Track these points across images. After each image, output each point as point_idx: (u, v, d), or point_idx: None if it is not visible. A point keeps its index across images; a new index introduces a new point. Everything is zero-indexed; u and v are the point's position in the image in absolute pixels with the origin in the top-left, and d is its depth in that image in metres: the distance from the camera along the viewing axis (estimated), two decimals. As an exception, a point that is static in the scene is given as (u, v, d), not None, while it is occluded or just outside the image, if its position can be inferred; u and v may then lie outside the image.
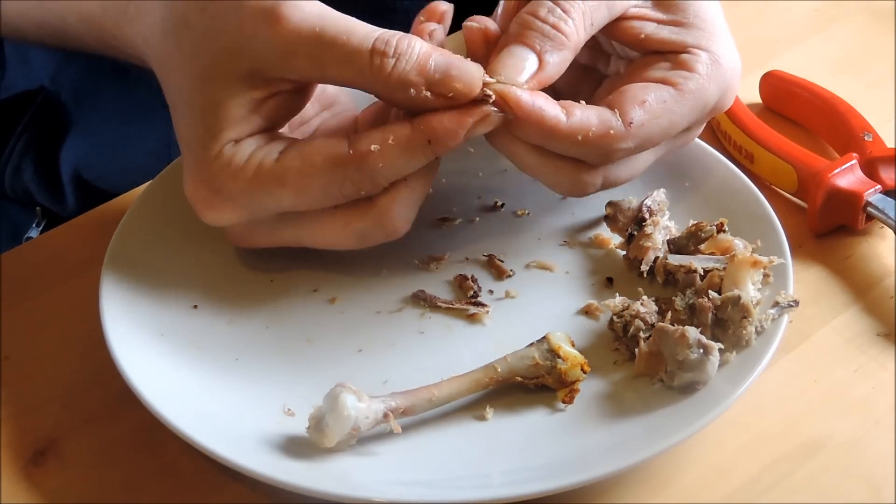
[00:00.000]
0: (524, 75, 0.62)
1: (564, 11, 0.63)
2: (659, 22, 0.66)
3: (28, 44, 0.82)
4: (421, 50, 0.60)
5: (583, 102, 0.63)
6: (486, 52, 0.64)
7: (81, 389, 0.65)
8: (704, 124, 0.69)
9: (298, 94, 0.63)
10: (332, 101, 0.72)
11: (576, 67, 0.69)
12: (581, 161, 0.64)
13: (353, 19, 0.60)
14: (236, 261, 0.71)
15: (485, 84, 0.61)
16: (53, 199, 0.94)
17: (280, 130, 0.64)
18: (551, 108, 0.61)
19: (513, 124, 0.62)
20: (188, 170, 0.63)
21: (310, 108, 0.69)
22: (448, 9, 0.65)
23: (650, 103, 0.63)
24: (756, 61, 0.86)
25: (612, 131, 0.62)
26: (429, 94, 0.60)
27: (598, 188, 0.66)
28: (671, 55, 0.65)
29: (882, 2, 0.93)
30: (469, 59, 0.62)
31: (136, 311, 0.66)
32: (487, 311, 0.67)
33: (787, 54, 0.88)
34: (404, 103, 0.61)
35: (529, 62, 0.62)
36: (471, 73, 0.60)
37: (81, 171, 0.93)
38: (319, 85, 0.68)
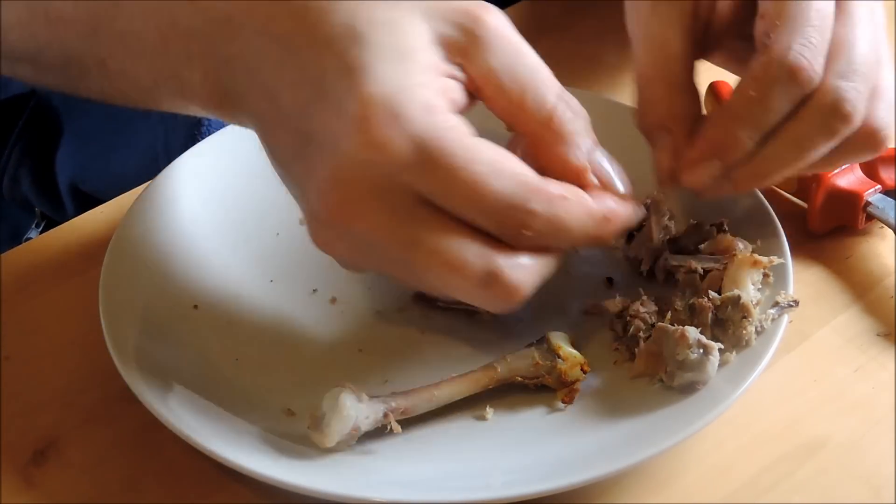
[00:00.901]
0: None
1: None
2: None
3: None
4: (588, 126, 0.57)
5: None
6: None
7: (81, 389, 0.65)
8: None
9: (468, 97, 0.56)
10: None
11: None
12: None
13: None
14: (236, 261, 0.71)
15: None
16: (52, 208, 0.94)
17: None
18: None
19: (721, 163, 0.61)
20: (363, 92, 0.52)
21: None
22: None
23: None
24: (756, 61, 0.86)
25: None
26: (592, 177, 0.57)
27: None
28: None
29: (882, 2, 0.92)
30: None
31: (136, 311, 0.66)
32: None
33: (787, 54, 0.88)
34: (559, 161, 0.56)
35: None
36: (625, 186, 0.58)
37: (78, 184, 0.92)
38: None
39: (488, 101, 0.56)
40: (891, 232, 0.71)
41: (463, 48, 0.54)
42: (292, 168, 0.56)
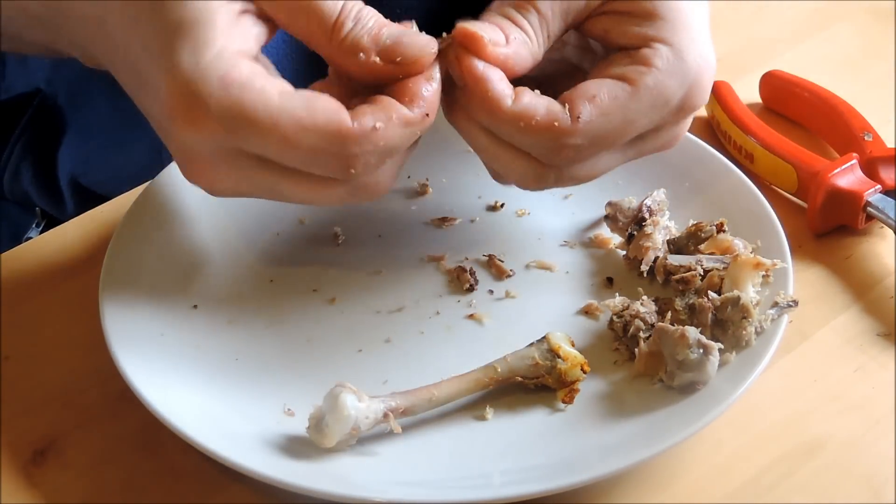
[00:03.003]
0: (489, 36, 0.60)
1: (524, 17, 0.61)
2: (624, 13, 0.62)
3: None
4: (377, 19, 0.59)
5: (537, 92, 0.60)
6: None
7: (81, 389, 0.65)
8: (680, 124, 0.64)
9: (267, 22, 0.60)
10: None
11: (566, 67, 0.68)
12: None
13: None
14: (236, 261, 0.71)
15: (445, 47, 0.60)
16: (52, 204, 0.94)
17: None
18: (499, 84, 0.59)
19: (464, 95, 0.60)
20: (169, 79, 0.56)
21: None
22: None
23: (600, 99, 0.60)
24: (756, 61, 0.86)
25: (556, 123, 0.59)
26: (378, 59, 0.58)
27: (552, 184, 0.63)
28: (632, 51, 0.62)
29: (882, 2, 0.93)
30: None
31: (136, 311, 0.66)
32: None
33: (787, 54, 0.88)
34: (354, 69, 0.59)
35: (497, 34, 0.60)
36: (420, 41, 0.59)
37: (79, 178, 0.93)
38: None
39: (283, 27, 0.59)
40: (891, 232, 0.71)
41: None
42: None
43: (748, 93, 0.83)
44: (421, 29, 0.61)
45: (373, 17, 0.59)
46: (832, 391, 0.64)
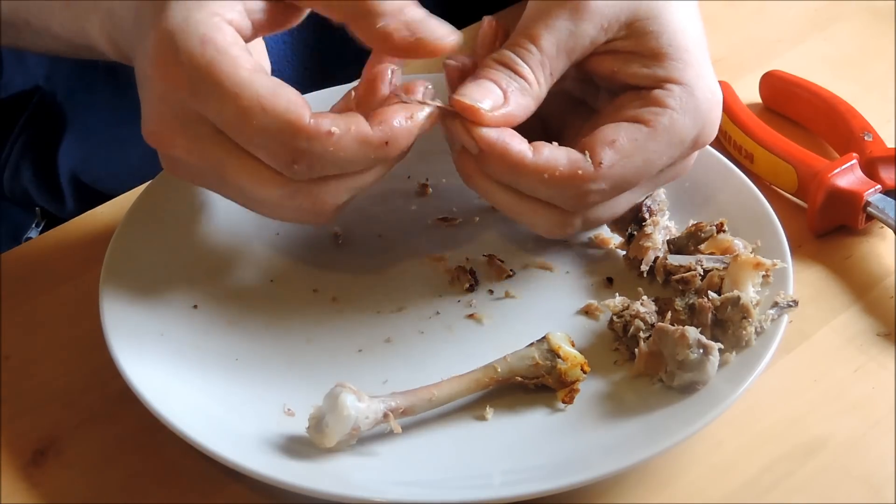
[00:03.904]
0: (488, 104, 0.61)
1: (524, 61, 0.62)
2: (631, 53, 0.63)
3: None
4: None
5: (555, 144, 0.62)
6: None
7: (81, 389, 0.65)
8: (691, 157, 0.67)
9: (271, 12, 0.61)
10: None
11: (567, 100, 0.69)
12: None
13: None
14: (236, 261, 0.71)
15: (447, 116, 0.61)
16: (52, 201, 0.94)
17: None
18: (517, 143, 0.61)
19: (481, 159, 0.61)
20: (154, 30, 0.58)
21: None
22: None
23: (621, 143, 0.61)
24: (756, 61, 0.86)
25: (580, 171, 0.61)
26: (399, 27, 0.59)
27: (580, 229, 0.65)
28: (644, 91, 0.63)
29: (882, 2, 0.93)
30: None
31: (136, 311, 0.66)
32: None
33: (787, 54, 0.88)
34: (375, 36, 0.59)
35: (495, 94, 0.62)
36: (443, 29, 0.59)
37: (79, 174, 0.93)
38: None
39: (304, 2, 0.61)
40: (891, 232, 0.71)
41: None
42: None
43: (748, 93, 0.83)
44: None
45: None
46: (832, 391, 0.64)
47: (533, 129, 0.63)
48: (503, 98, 0.62)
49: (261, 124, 0.57)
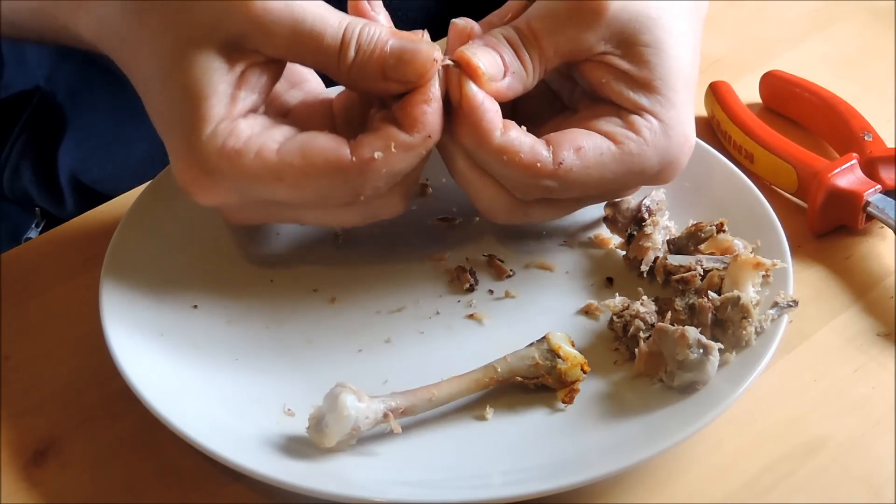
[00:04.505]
0: (489, 71, 0.61)
1: (527, 50, 0.63)
2: (623, 73, 0.63)
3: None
4: (379, 37, 0.60)
5: (524, 128, 0.62)
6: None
7: (81, 389, 0.65)
8: (640, 188, 0.68)
9: (274, 65, 0.62)
10: (301, 79, 0.70)
11: (544, 90, 0.69)
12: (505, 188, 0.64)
13: (325, 5, 0.60)
14: (236, 261, 0.71)
15: (445, 67, 0.61)
16: (52, 202, 0.94)
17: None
18: (492, 117, 0.61)
19: (454, 118, 0.62)
20: (177, 151, 0.61)
21: (279, 86, 0.67)
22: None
23: (585, 151, 0.62)
24: (756, 61, 0.86)
25: (539, 164, 0.61)
26: (385, 82, 0.60)
27: (519, 219, 0.65)
28: (624, 111, 0.63)
29: (882, 2, 0.93)
30: (447, 52, 0.63)
31: (136, 311, 0.66)
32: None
33: (787, 54, 0.88)
34: (365, 91, 0.62)
35: (496, 66, 0.62)
36: (423, 56, 0.60)
37: (79, 175, 0.93)
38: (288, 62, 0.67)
39: (295, 62, 0.63)
40: (891, 232, 0.71)
41: (245, 42, 0.60)
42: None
43: (748, 93, 0.83)
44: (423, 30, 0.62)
45: (375, 35, 0.60)
46: (832, 391, 0.64)
47: (503, 107, 0.63)
48: (503, 73, 0.62)
49: (312, 187, 0.60)
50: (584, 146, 0.62)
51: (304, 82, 0.70)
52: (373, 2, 0.64)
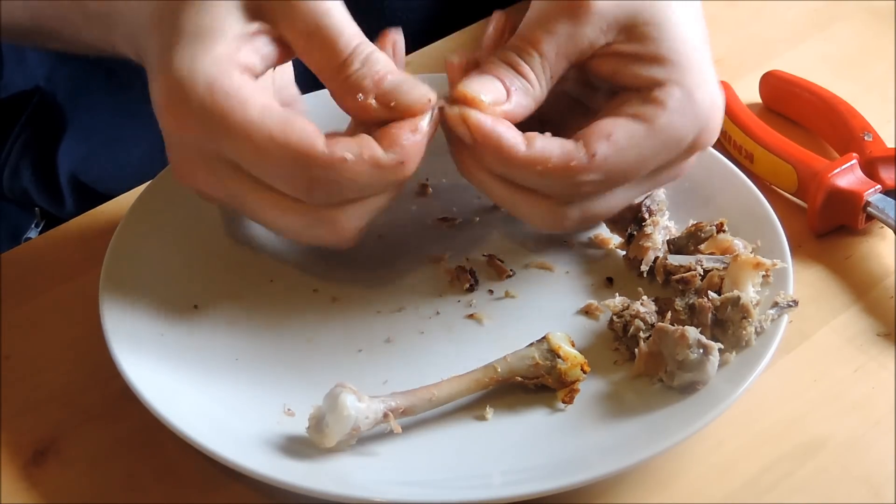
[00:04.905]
0: (489, 97, 0.61)
1: (526, 62, 0.63)
2: (632, 56, 0.63)
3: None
4: (385, 65, 0.60)
5: (548, 134, 0.62)
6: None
7: (81, 389, 0.65)
8: (689, 160, 0.66)
9: (282, 47, 0.62)
10: (291, 101, 0.70)
11: (566, 101, 0.69)
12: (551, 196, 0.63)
13: (348, 15, 0.61)
14: (236, 261, 0.71)
15: (441, 109, 0.61)
16: (52, 201, 0.94)
17: None
18: (511, 135, 0.61)
19: (476, 150, 0.61)
20: (167, 66, 0.59)
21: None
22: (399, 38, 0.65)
23: (616, 137, 0.61)
24: (756, 61, 0.86)
25: (574, 163, 0.60)
26: (374, 102, 0.60)
27: (577, 223, 0.65)
28: (644, 90, 0.63)
29: (882, 2, 0.93)
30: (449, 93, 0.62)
31: (136, 311, 0.66)
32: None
33: (787, 54, 0.88)
34: (351, 107, 0.61)
35: (497, 90, 0.62)
36: (418, 92, 0.60)
37: (79, 174, 0.93)
38: (279, 84, 0.68)
39: (298, 55, 0.62)
40: (891, 232, 0.71)
41: (268, 10, 0.60)
42: None
43: (748, 93, 0.83)
44: (421, 31, 0.62)
45: (381, 62, 0.60)
46: (832, 391, 0.64)
47: (531, 129, 0.63)
48: (506, 95, 0.62)
49: (275, 159, 0.58)
50: (613, 132, 0.61)
51: (293, 104, 0.70)
52: (397, 53, 0.64)
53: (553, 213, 0.63)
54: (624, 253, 0.70)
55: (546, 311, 0.68)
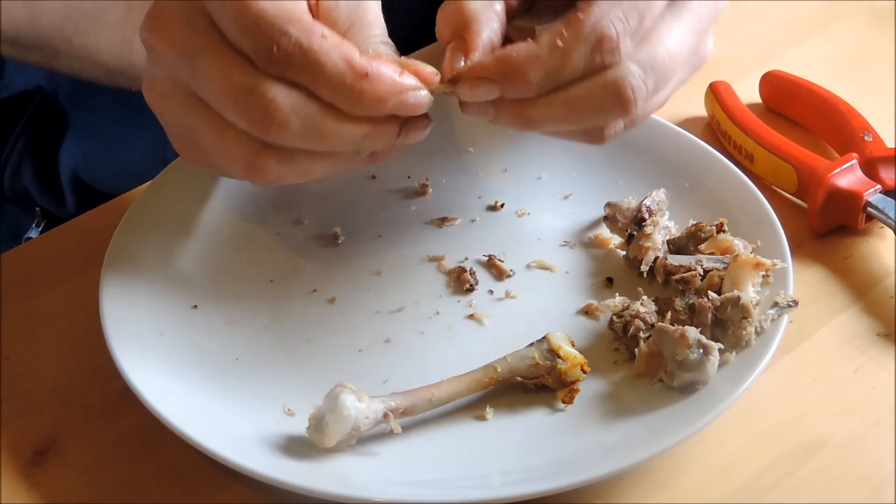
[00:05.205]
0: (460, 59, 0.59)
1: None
2: None
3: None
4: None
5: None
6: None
7: (81, 389, 0.65)
8: (709, 35, 0.62)
9: None
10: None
11: None
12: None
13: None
14: (236, 261, 0.71)
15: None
16: (53, 201, 0.94)
17: None
18: (520, 55, 0.57)
19: (505, 88, 0.58)
20: None
21: None
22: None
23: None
24: (756, 61, 0.86)
25: (603, 31, 0.56)
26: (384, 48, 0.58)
27: (637, 105, 0.58)
28: None
29: (882, 2, 0.93)
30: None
31: (136, 311, 0.66)
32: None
33: (787, 54, 0.88)
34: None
35: (481, 38, 0.59)
36: (431, 68, 0.58)
37: (80, 174, 0.93)
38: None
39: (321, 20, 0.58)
40: (891, 232, 0.71)
41: None
42: None
43: (748, 93, 0.83)
44: (421, 31, 0.61)
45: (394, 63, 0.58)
46: (832, 391, 0.64)
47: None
48: (491, 39, 0.59)
49: (259, 7, 0.55)
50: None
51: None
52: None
53: (612, 94, 0.58)
54: (624, 253, 0.70)
55: (546, 311, 0.67)
